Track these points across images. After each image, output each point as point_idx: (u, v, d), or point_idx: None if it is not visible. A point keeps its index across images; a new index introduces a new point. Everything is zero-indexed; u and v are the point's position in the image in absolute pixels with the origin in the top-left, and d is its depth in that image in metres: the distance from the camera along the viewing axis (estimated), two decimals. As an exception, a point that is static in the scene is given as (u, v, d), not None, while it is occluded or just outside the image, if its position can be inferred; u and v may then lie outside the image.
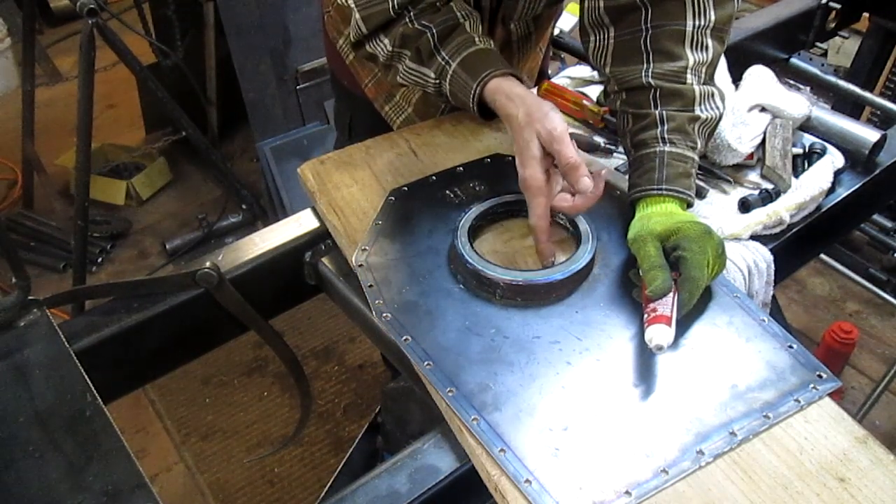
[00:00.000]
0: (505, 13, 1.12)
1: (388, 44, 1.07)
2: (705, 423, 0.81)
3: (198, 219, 2.98)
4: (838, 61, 3.19)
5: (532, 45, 1.24)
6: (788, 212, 1.13)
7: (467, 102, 1.04)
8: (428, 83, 1.07)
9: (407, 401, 1.31)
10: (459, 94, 1.04)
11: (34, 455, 0.80)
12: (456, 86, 1.04)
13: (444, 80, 1.05)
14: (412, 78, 1.08)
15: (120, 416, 2.12)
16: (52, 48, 4.06)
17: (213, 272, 1.04)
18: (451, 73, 1.04)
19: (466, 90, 1.03)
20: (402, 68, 1.08)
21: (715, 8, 1.02)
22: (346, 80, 1.43)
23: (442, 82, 1.05)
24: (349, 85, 1.43)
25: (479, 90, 1.01)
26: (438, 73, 1.05)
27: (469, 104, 1.03)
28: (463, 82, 1.03)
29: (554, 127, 0.92)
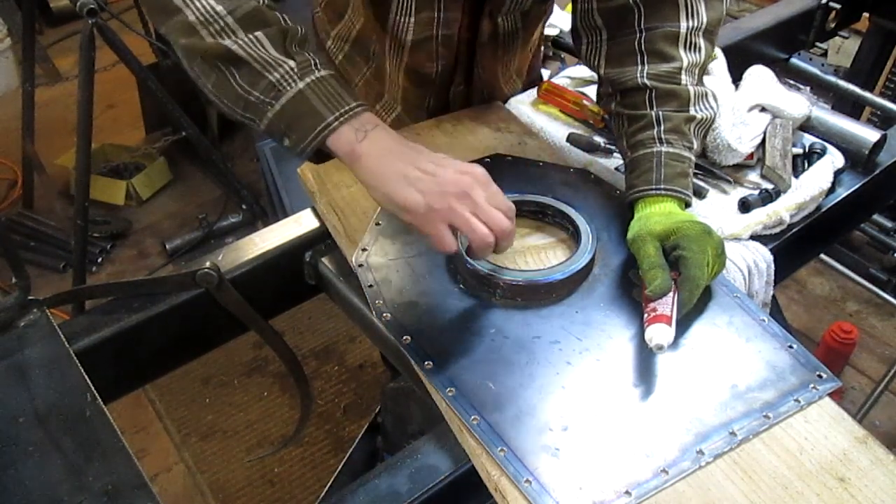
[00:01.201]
0: (492, 6, 1.12)
1: (216, 6, 0.84)
2: (705, 423, 0.81)
3: (198, 219, 2.97)
4: (838, 61, 3.19)
5: (519, 42, 1.24)
6: (788, 212, 1.13)
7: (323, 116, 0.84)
8: (274, 69, 0.84)
9: (407, 401, 1.31)
10: (317, 102, 0.84)
11: (34, 455, 0.80)
12: (320, 91, 0.85)
13: (300, 78, 0.84)
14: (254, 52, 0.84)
15: (120, 416, 2.12)
16: (52, 48, 4.05)
17: (213, 272, 1.04)
18: (317, 76, 0.85)
19: (336, 102, 0.85)
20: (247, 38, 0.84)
21: (706, 10, 1.03)
22: None
23: (295, 80, 0.84)
24: None
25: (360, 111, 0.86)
26: (301, 67, 0.85)
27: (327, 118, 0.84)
28: (334, 92, 0.85)
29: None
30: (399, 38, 1.16)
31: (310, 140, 0.85)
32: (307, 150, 0.86)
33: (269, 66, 0.84)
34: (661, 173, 0.99)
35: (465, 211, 0.83)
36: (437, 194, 0.83)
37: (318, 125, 0.84)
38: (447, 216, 0.83)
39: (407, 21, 1.11)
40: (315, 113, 0.84)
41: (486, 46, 1.20)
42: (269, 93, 0.85)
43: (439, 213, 0.83)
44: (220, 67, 0.86)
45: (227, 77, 0.86)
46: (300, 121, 0.85)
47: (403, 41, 1.15)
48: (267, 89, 0.85)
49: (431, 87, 1.25)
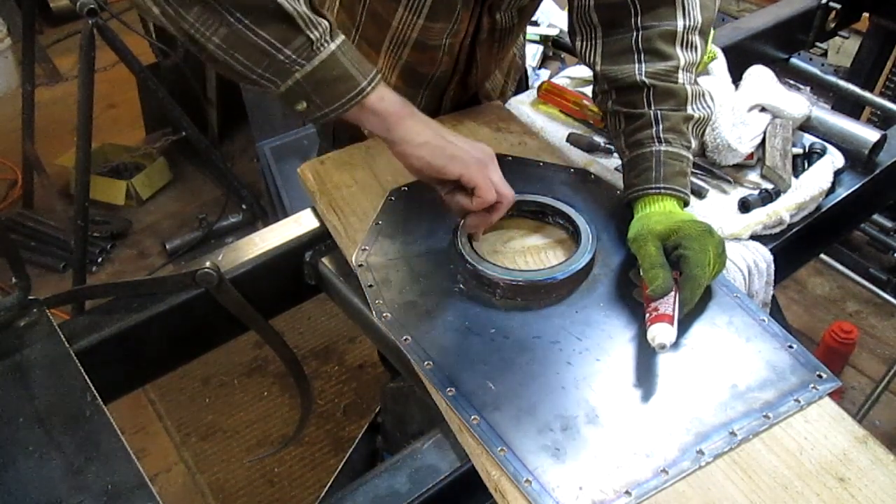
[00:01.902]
0: (493, 2, 1.12)
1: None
2: (705, 423, 0.81)
3: (198, 219, 2.98)
4: (838, 61, 3.19)
5: (513, 37, 1.24)
6: (788, 212, 1.13)
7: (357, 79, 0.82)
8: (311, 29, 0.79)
9: (407, 401, 1.31)
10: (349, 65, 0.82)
11: (34, 455, 0.80)
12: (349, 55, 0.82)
13: (331, 41, 0.81)
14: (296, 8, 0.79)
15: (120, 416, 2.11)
16: (52, 48, 4.05)
17: (213, 272, 1.04)
18: (343, 39, 0.83)
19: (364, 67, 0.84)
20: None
21: (700, 9, 1.05)
22: None
23: (327, 42, 0.80)
24: None
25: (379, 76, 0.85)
26: (333, 29, 0.82)
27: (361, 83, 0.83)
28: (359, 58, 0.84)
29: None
30: (403, 37, 1.15)
31: (341, 104, 0.83)
32: (328, 116, 0.83)
33: (310, 23, 0.79)
34: (660, 172, 0.99)
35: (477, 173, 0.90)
36: (476, 153, 0.91)
37: (353, 89, 0.82)
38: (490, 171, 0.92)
39: (414, 20, 1.11)
40: (349, 77, 0.82)
41: (485, 44, 1.20)
42: (303, 52, 0.79)
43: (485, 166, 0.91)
44: (239, 18, 0.77)
45: (245, 31, 0.77)
46: (333, 84, 0.82)
47: (407, 39, 1.15)
48: (301, 48, 0.79)
49: (425, 88, 1.25)
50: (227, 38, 0.78)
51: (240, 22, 0.77)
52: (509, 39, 1.24)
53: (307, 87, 0.81)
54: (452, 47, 1.16)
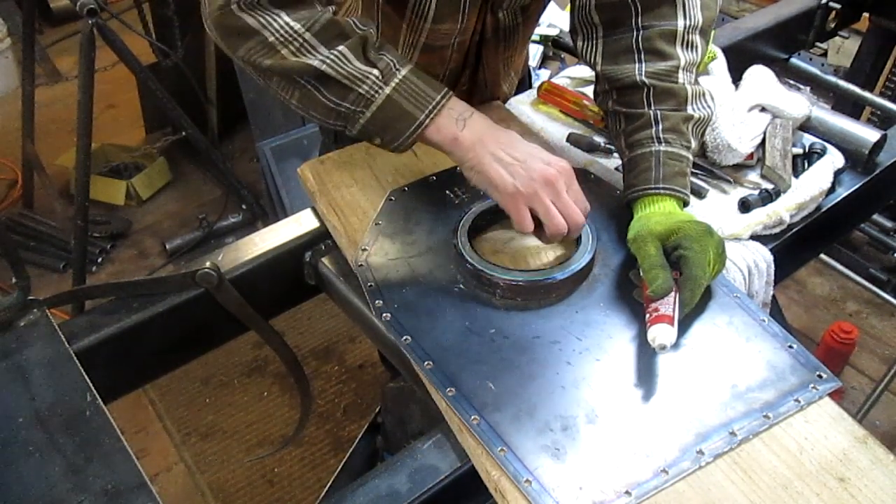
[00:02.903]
0: (494, 0, 1.13)
1: (293, 23, 0.88)
2: (705, 423, 0.81)
3: (198, 219, 2.97)
4: (838, 61, 3.19)
5: (519, 37, 1.24)
6: (788, 212, 1.13)
7: (414, 115, 0.92)
8: (364, 80, 0.90)
9: (407, 401, 1.31)
10: (406, 102, 0.91)
11: (34, 455, 0.80)
12: (405, 92, 0.91)
13: (385, 84, 0.91)
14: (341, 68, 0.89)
15: (120, 416, 2.12)
16: (52, 48, 4.05)
17: (213, 272, 1.04)
18: (401, 77, 0.91)
19: (422, 100, 0.92)
20: (324, 55, 0.89)
21: (701, 9, 1.05)
22: None
23: (381, 87, 0.91)
24: None
25: (445, 101, 0.93)
26: (384, 72, 0.91)
27: (419, 117, 0.92)
28: (418, 91, 0.92)
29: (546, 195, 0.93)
30: (412, 41, 1.15)
31: (405, 138, 0.94)
32: (402, 148, 0.95)
33: (357, 80, 0.90)
34: (660, 172, 0.99)
35: (546, 198, 0.92)
36: (525, 179, 0.92)
37: (412, 125, 0.92)
38: (530, 200, 0.92)
39: (421, 25, 1.11)
40: (406, 114, 0.92)
41: (490, 43, 1.20)
42: (359, 103, 0.91)
43: (524, 196, 0.92)
44: (304, 83, 0.91)
45: (313, 92, 0.92)
46: (393, 123, 0.93)
47: (416, 43, 1.15)
48: (357, 101, 0.91)
49: None
50: (301, 99, 0.94)
51: (307, 85, 0.92)
52: (515, 39, 1.24)
53: (373, 128, 0.94)
54: (461, 46, 1.17)
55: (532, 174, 0.92)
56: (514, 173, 0.92)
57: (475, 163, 0.94)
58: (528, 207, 0.92)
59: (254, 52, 0.91)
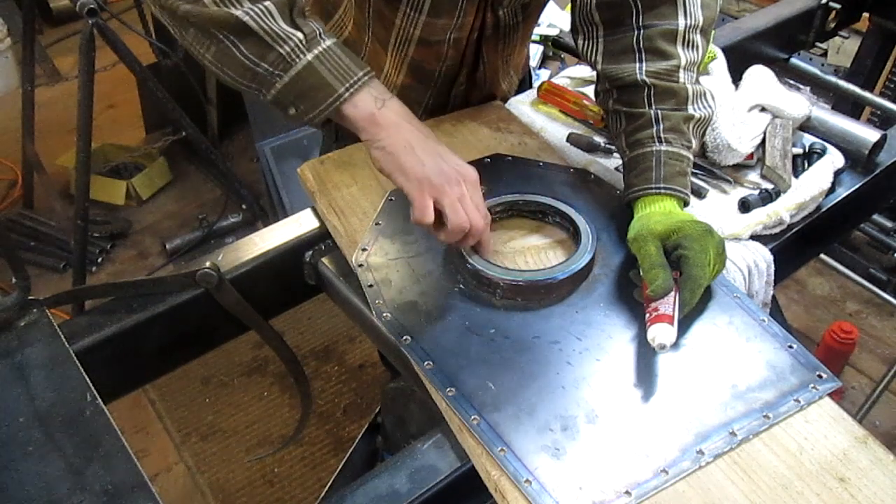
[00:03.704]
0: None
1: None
2: (705, 423, 0.81)
3: (198, 219, 2.98)
4: (838, 61, 3.19)
5: (518, 36, 1.25)
6: (788, 212, 1.13)
7: (333, 88, 0.88)
8: (284, 41, 0.86)
9: (407, 401, 1.31)
10: (327, 73, 0.87)
11: (34, 455, 0.80)
12: (328, 62, 0.87)
13: (308, 50, 0.87)
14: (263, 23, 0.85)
15: (120, 416, 2.12)
16: (52, 48, 4.05)
17: (213, 272, 1.04)
18: (324, 46, 0.88)
19: (344, 74, 0.88)
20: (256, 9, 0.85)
21: (702, 8, 1.05)
22: None
23: (303, 52, 0.86)
24: None
25: (367, 80, 0.90)
26: (309, 39, 0.87)
27: (338, 90, 0.88)
28: (343, 65, 0.88)
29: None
30: (406, 34, 1.15)
31: (321, 110, 0.89)
32: (316, 120, 0.90)
33: (279, 40, 0.86)
34: (660, 172, 0.99)
35: (452, 194, 0.90)
36: (436, 171, 0.90)
37: (330, 96, 0.88)
38: (437, 192, 0.90)
39: (416, 17, 1.11)
40: (325, 85, 0.88)
41: (490, 41, 1.20)
42: (278, 66, 0.87)
43: (432, 187, 0.90)
44: (222, 37, 0.86)
45: (231, 47, 0.87)
46: (310, 92, 0.88)
47: (410, 36, 1.15)
48: (276, 62, 0.87)
49: (433, 85, 1.25)
50: (216, 54, 0.88)
51: (225, 40, 0.86)
52: (515, 38, 1.24)
53: (289, 95, 0.89)
54: (458, 42, 1.16)
55: (444, 168, 0.91)
56: (426, 164, 0.90)
57: (388, 143, 0.91)
58: (432, 200, 0.90)
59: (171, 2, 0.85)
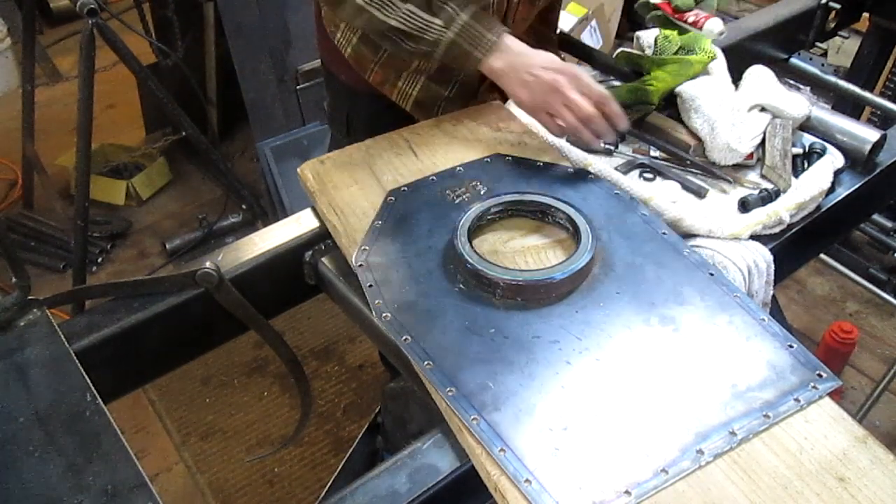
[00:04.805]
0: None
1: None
2: (705, 423, 0.81)
3: (198, 219, 2.98)
4: (838, 61, 3.19)
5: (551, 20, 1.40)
6: (788, 212, 1.13)
7: (472, 53, 1.12)
8: (428, 28, 1.12)
9: (407, 401, 1.31)
10: (465, 44, 1.12)
11: (34, 455, 0.80)
12: (465, 36, 1.12)
13: (447, 29, 1.12)
14: (411, 22, 1.13)
15: (120, 416, 2.12)
16: (52, 48, 4.06)
17: (213, 272, 1.04)
18: (461, 23, 1.11)
19: (479, 42, 1.12)
20: (400, 12, 1.12)
21: None
22: (343, 74, 1.43)
23: (445, 32, 1.12)
24: (347, 79, 1.43)
25: (496, 40, 1.11)
26: (447, 21, 1.12)
27: (476, 55, 1.12)
28: (476, 33, 1.12)
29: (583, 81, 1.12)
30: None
31: (469, 70, 1.16)
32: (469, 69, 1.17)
33: (424, 30, 1.13)
34: None
35: (556, 102, 1.11)
36: (536, 91, 1.12)
37: (471, 61, 1.14)
38: (544, 107, 1.13)
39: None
40: (465, 52, 1.14)
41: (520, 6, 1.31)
42: (431, 46, 1.15)
43: (539, 105, 1.13)
44: (391, 37, 1.15)
45: (399, 42, 1.16)
46: (458, 59, 1.15)
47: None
48: (429, 45, 1.15)
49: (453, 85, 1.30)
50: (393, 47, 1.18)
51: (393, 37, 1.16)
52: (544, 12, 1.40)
53: (448, 61, 1.17)
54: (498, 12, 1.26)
55: (542, 86, 1.10)
56: (530, 89, 1.12)
57: (506, 88, 1.15)
58: (546, 113, 1.13)
59: (351, 15, 1.15)
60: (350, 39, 1.34)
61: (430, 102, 1.37)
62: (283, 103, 2.76)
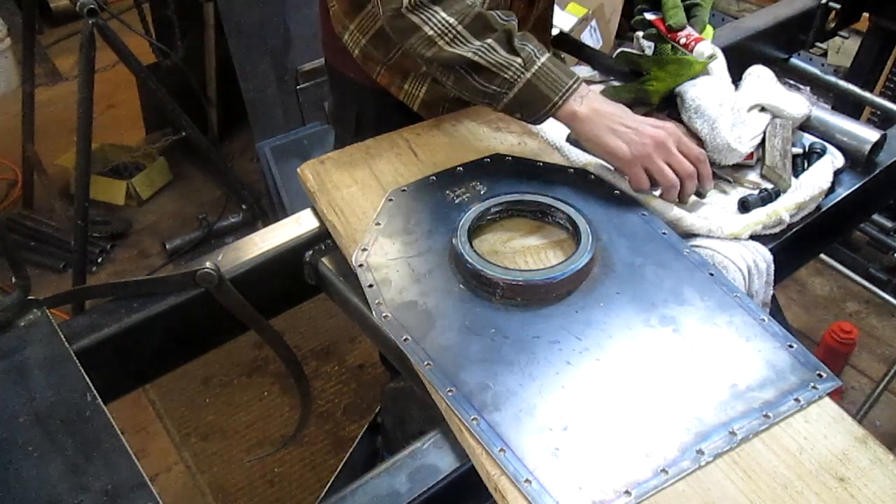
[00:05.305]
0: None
1: (448, 18, 1.06)
2: (705, 423, 0.81)
3: (198, 219, 2.98)
4: (838, 61, 3.19)
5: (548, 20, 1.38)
6: (788, 212, 1.13)
7: (550, 97, 1.07)
8: (508, 67, 1.06)
9: (407, 401, 1.31)
10: (543, 87, 1.07)
11: (34, 455, 0.80)
12: (543, 78, 1.07)
13: (526, 71, 1.06)
14: (489, 57, 1.06)
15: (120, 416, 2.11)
16: (52, 48, 4.06)
17: (213, 272, 1.04)
18: (539, 65, 1.07)
19: (557, 84, 1.07)
20: (475, 45, 1.06)
21: None
22: (352, 72, 1.43)
23: (524, 72, 1.06)
24: (356, 77, 1.42)
25: (576, 86, 1.07)
26: (526, 61, 1.07)
27: (553, 98, 1.07)
28: (554, 77, 1.07)
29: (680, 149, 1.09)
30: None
31: (541, 115, 1.09)
32: (538, 122, 1.11)
33: (503, 67, 1.06)
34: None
35: (658, 159, 1.06)
36: (638, 144, 1.06)
37: (547, 105, 1.07)
38: (644, 161, 1.07)
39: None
40: (543, 96, 1.07)
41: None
42: (504, 86, 1.07)
43: (638, 158, 1.06)
44: (459, 69, 1.08)
45: (466, 77, 1.09)
46: (531, 103, 1.08)
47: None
48: (502, 84, 1.07)
49: None
50: (455, 82, 1.11)
51: (461, 70, 1.09)
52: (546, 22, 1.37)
53: (515, 106, 1.09)
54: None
55: (643, 139, 1.06)
56: (627, 140, 1.06)
57: (591, 135, 1.08)
58: (642, 168, 1.07)
59: (418, 45, 1.09)
60: (358, 41, 1.33)
61: (436, 103, 1.37)
62: (283, 103, 2.76)
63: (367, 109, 1.47)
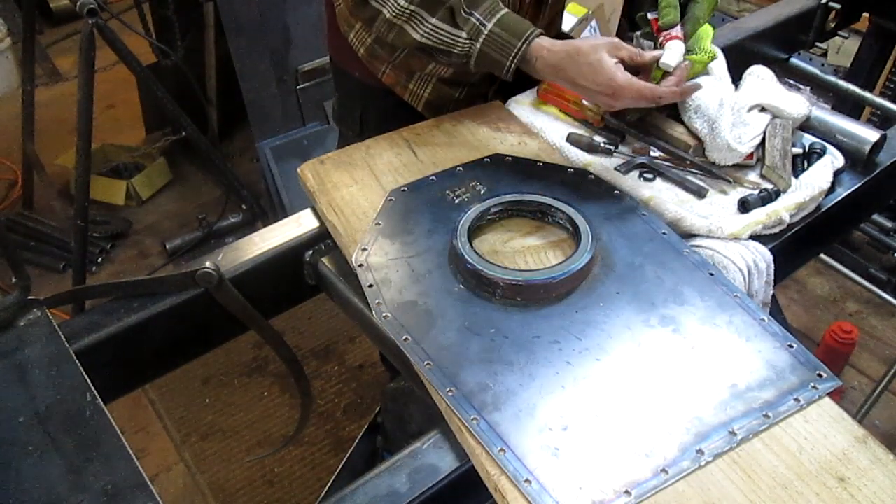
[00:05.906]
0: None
1: (401, 1, 1.11)
2: (705, 423, 0.81)
3: (198, 219, 2.98)
4: (838, 61, 3.19)
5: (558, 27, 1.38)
6: (788, 212, 1.13)
7: (502, 62, 1.11)
8: (455, 44, 1.12)
9: (407, 401, 1.31)
10: (494, 53, 1.11)
11: (34, 455, 0.80)
12: (492, 46, 1.10)
13: (475, 42, 1.11)
14: (437, 37, 1.12)
15: (120, 416, 2.12)
16: (52, 48, 4.06)
17: (213, 272, 1.04)
18: (485, 34, 1.10)
19: (506, 49, 1.10)
20: (426, 28, 1.12)
21: None
22: (356, 71, 1.43)
23: (473, 43, 1.11)
24: (361, 76, 1.42)
25: (525, 47, 1.09)
26: (471, 33, 1.11)
27: (506, 63, 1.11)
28: (502, 42, 1.10)
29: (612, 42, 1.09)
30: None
31: (506, 74, 1.13)
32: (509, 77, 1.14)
33: (450, 45, 1.13)
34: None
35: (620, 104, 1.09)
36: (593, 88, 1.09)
37: (503, 68, 1.12)
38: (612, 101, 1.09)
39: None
40: (496, 62, 1.12)
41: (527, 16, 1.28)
42: (462, 58, 1.14)
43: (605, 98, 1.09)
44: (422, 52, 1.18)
45: (432, 56, 1.18)
46: (492, 66, 1.14)
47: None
48: (459, 57, 1.14)
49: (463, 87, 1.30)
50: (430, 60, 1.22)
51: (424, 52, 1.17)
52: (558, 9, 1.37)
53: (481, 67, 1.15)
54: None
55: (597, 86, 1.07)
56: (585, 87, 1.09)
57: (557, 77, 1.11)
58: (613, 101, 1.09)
59: (383, 30, 1.16)
60: (364, 40, 1.34)
61: (440, 104, 1.38)
62: (283, 103, 2.76)
63: (372, 109, 1.47)
